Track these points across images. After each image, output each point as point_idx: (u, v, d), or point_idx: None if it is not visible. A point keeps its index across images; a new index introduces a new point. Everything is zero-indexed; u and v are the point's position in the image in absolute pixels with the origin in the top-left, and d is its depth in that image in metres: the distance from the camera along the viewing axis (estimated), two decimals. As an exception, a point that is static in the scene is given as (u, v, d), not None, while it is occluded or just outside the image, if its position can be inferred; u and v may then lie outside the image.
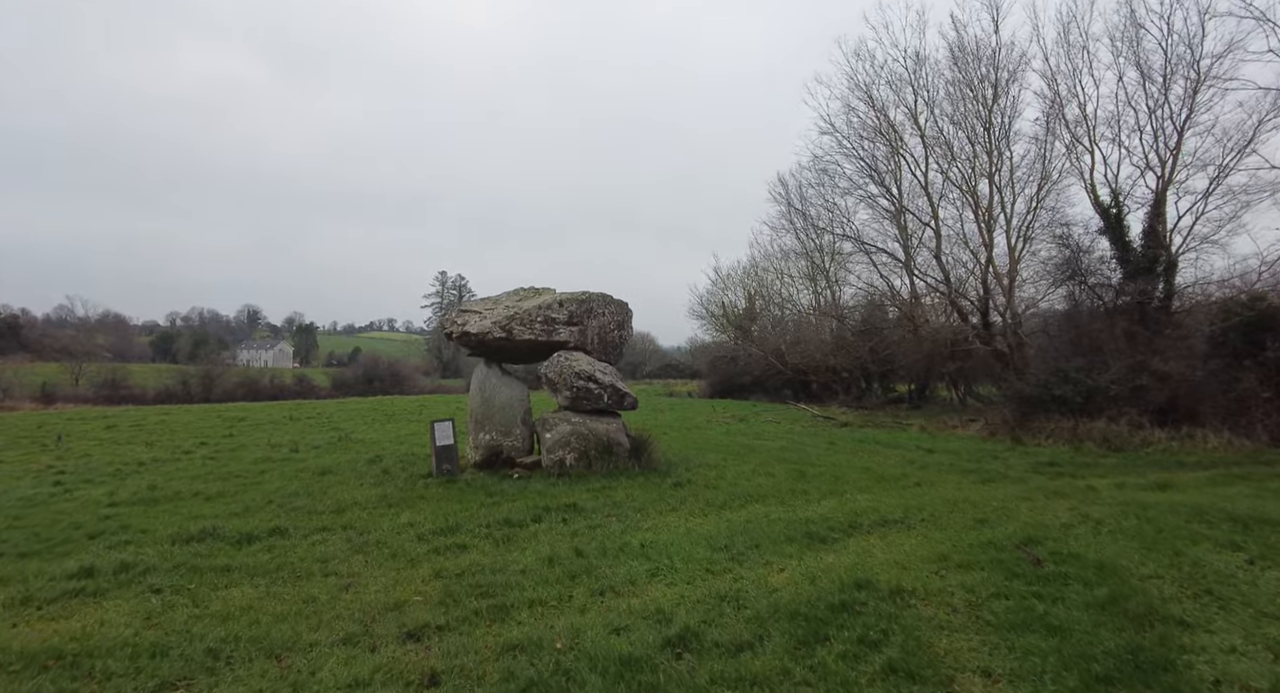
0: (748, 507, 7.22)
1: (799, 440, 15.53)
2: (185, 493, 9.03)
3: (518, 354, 11.05)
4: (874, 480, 9.55)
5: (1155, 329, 16.62)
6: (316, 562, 5.40)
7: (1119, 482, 9.54)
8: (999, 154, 20.48)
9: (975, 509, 7.02)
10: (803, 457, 12.13)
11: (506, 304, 10.79)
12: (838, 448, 13.93)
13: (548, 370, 10.31)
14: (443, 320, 10.82)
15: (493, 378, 10.72)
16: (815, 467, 10.73)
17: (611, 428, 10.10)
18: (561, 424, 9.91)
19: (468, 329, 10.28)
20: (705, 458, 11.56)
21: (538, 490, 8.30)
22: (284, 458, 12.81)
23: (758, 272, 38.78)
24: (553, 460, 9.64)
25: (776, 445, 14.34)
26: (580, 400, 10.08)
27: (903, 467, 11.26)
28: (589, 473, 9.47)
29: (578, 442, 9.72)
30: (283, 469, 11.24)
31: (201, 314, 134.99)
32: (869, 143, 22.64)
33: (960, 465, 11.64)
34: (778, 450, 13.24)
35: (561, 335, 10.49)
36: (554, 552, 5.26)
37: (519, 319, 10.25)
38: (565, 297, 10.76)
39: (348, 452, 13.71)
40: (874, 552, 5.30)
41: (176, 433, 18.69)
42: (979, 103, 20.24)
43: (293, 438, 16.84)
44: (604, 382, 10.13)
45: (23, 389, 40.77)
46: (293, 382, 53.05)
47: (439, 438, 9.62)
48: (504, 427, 10.51)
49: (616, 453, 9.82)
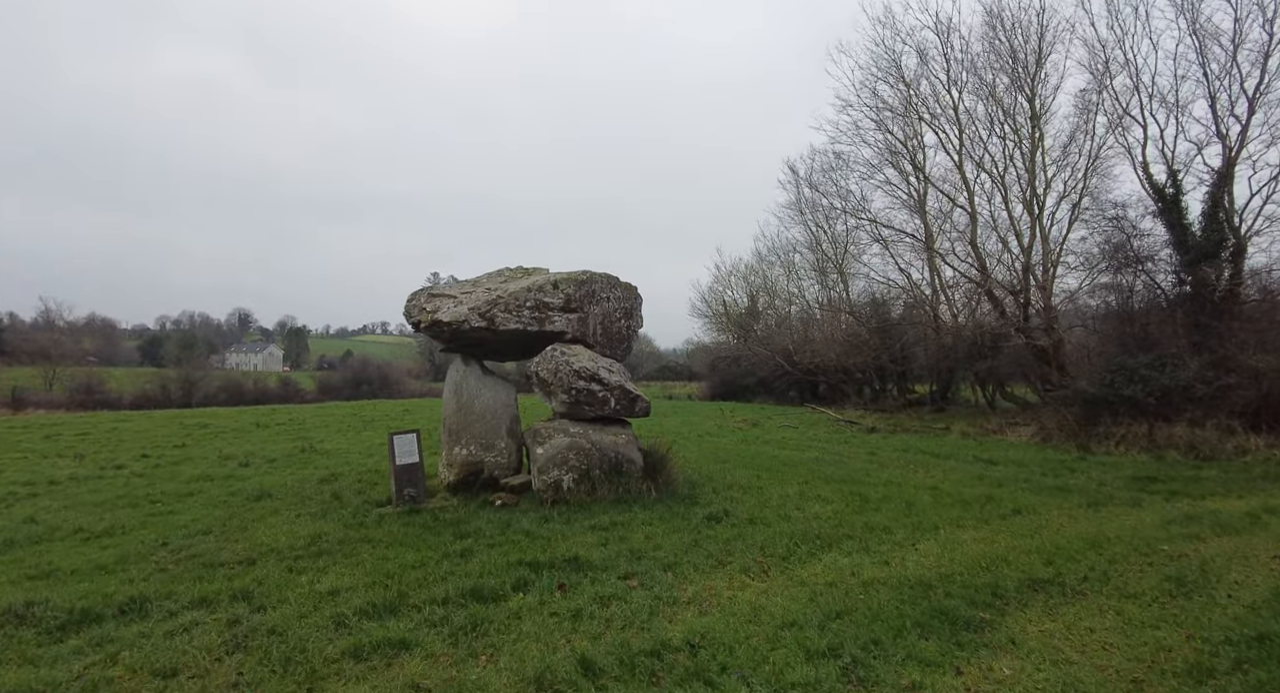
0: (821, 557, 5.12)
1: (832, 450, 13.44)
2: (65, 529, 6.89)
3: (502, 348, 8.94)
4: (956, 506, 7.47)
5: (1229, 320, 14.57)
6: (154, 676, 3.29)
7: (1268, 505, 7.49)
8: (1039, 130, 18.45)
9: (1141, 556, 4.95)
10: (848, 473, 10.05)
11: (488, 287, 8.69)
12: (883, 460, 11.84)
13: (540, 368, 8.21)
14: (408, 307, 8.74)
15: (471, 378, 8.62)
16: (871, 487, 8.65)
17: (620, 440, 8.00)
18: (557, 436, 7.81)
19: (439, 317, 8.17)
20: (733, 476, 9.47)
21: (525, 529, 6.18)
22: (225, 476, 10.68)
23: (763, 267, 36.75)
24: (546, 482, 7.52)
25: (809, 456, 12.26)
26: (581, 406, 7.99)
27: (973, 484, 9.20)
28: (592, 500, 7.37)
29: (578, 458, 7.61)
30: (213, 492, 9.12)
31: (192, 318, 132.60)
32: (894, 118, 20.61)
33: (1039, 481, 9.58)
34: (814, 463, 11.16)
35: (557, 324, 8.40)
36: (546, 665, 3.14)
37: (503, 304, 8.15)
38: (561, 277, 8.66)
39: (304, 467, 11.59)
40: (1068, 655, 3.22)
41: (124, 443, 16.54)
42: (1018, 73, 18.22)
43: (249, 449, 14.71)
44: (610, 382, 8.04)
45: (-9, 394, 38.64)
46: (277, 385, 50.96)
47: (399, 455, 7.51)
48: (485, 439, 8.41)
49: (627, 473, 7.72)
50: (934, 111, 19.21)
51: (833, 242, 29.67)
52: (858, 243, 28.92)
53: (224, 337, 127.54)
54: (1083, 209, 18.57)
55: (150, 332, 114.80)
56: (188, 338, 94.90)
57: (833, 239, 29.65)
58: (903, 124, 20.49)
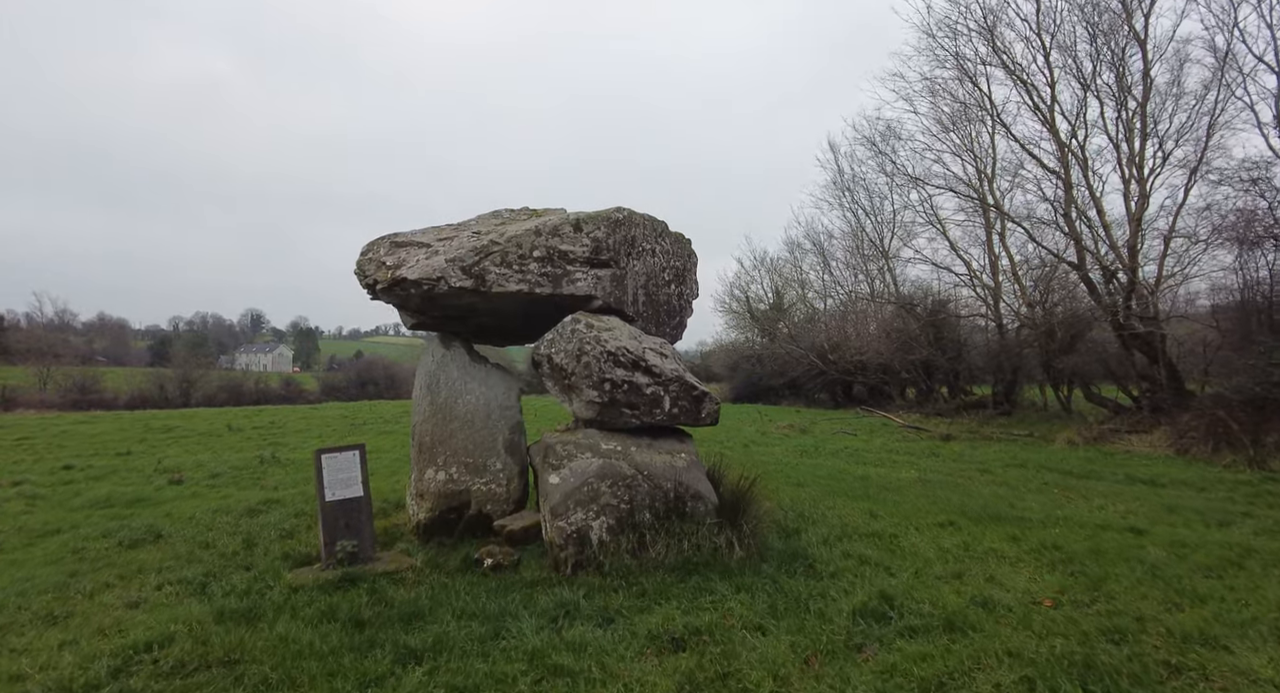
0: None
1: (927, 465, 10.49)
2: None
3: (499, 322, 6.11)
4: (1196, 572, 4.54)
5: None
6: None
7: None
8: (1149, 79, 15.37)
9: None
10: (987, 505, 7.11)
11: (476, 230, 5.84)
12: (1008, 481, 8.89)
13: (555, 350, 5.38)
14: (361, 262, 5.93)
15: (452, 367, 5.81)
16: (1044, 529, 5.72)
17: (679, 463, 5.13)
18: (582, 456, 4.97)
19: (403, 274, 5.35)
20: (832, 510, 6.58)
21: (528, 646, 3.34)
22: (132, 500, 7.97)
23: (795, 257, 33.69)
24: (565, 533, 4.67)
25: (906, 476, 9.34)
26: (618, 409, 5.15)
27: (1184, 524, 6.25)
28: (640, 564, 4.51)
29: (615, 493, 4.76)
30: (89, 530, 6.37)
31: (205, 318, 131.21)
32: (964, 76, 17.58)
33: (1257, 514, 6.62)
34: (923, 487, 8.24)
35: (580, 284, 5.56)
36: None
37: (499, 254, 5.32)
38: (586, 215, 5.81)
39: (244, 487, 8.83)
40: None
41: (64, 449, 13.95)
42: (1124, 11, 15.17)
43: (200, 459, 12.02)
44: (664, 372, 5.19)
45: (-19, 394, 36.60)
46: (279, 385, 48.85)
47: (330, 486, 4.70)
48: (472, 457, 5.59)
49: (693, 516, 4.84)
50: (1020, 62, 16.20)
51: (878, 225, 26.65)
52: (906, 226, 25.93)
53: (235, 337, 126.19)
54: (1202, 174, 15.46)
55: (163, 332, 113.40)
56: (197, 337, 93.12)
57: (878, 223, 26.64)
58: (970, 84, 17.48)
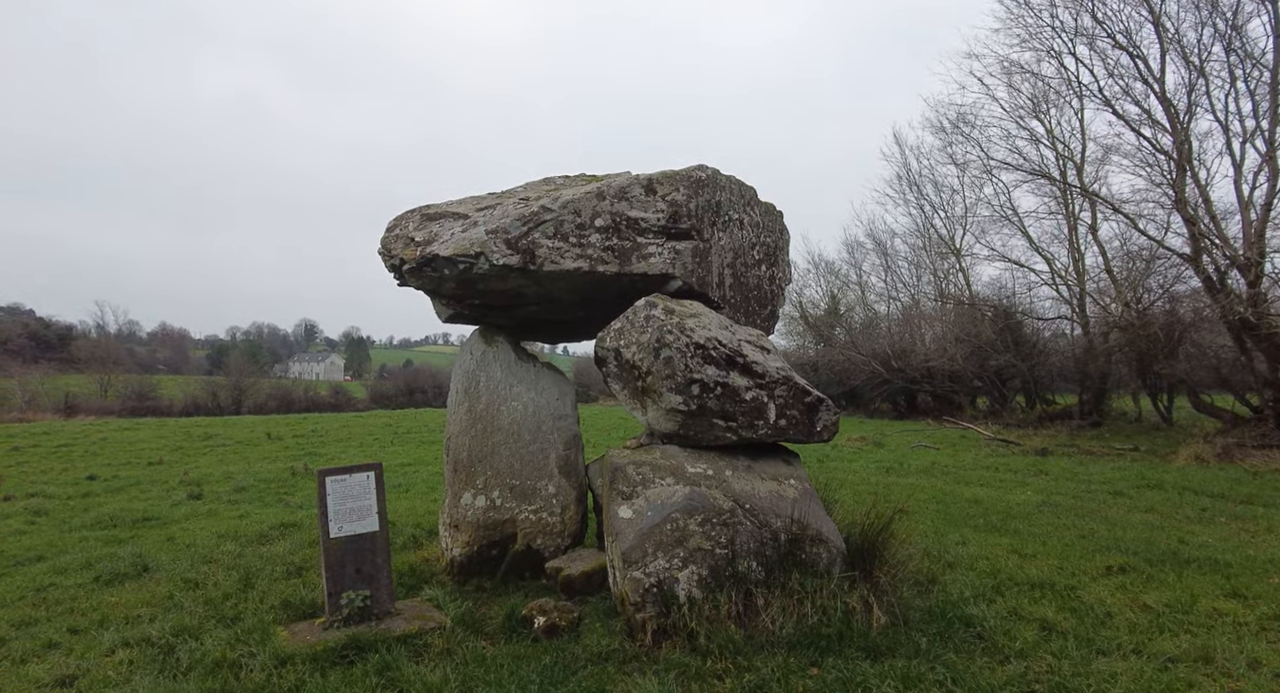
0: None
1: (1052, 489, 8.90)
2: None
3: (551, 310, 4.96)
4: None
5: None
6: None
7: None
8: (1278, 45, 13.42)
9: None
10: (1157, 542, 5.61)
11: (524, 196, 4.71)
12: (1154, 507, 7.29)
13: (623, 342, 4.18)
14: (386, 240, 4.88)
15: (496, 367, 4.68)
16: (1275, 585, 4.27)
17: (789, 492, 3.86)
18: (662, 482, 3.76)
19: (434, 250, 4.25)
20: (965, 549, 5.21)
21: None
22: (135, 521, 7.13)
23: (854, 256, 31.88)
24: (643, 587, 3.46)
25: (1023, 499, 7.85)
26: (709, 419, 3.92)
27: None
28: (747, 635, 3.27)
29: (708, 534, 3.53)
30: (79, 557, 5.45)
31: (261, 328, 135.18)
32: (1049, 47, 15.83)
33: None
34: (1052, 514, 6.76)
35: (654, 260, 4.37)
36: None
37: (552, 224, 4.18)
38: (659, 175, 4.62)
39: (267, 505, 7.92)
40: None
41: (97, 457, 13.49)
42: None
43: (230, 470, 11.30)
44: (768, 372, 3.96)
45: (48, 400, 37.86)
46: (328, 394, 49.27)
47: (336, 519, 3.59)
48: (518, 478, 4.45)
49: (814, 567, 3.57)
50: (1124, 27, 14.41)
51: (949, 221, 24.84)
52: (980, 222, 24.04)
53: (290, 347, 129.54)
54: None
55: (221, 341, 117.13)
56: (252, 347, 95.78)
57: (949, 219, 24.83)
58: (1056, 62, 15.71)
